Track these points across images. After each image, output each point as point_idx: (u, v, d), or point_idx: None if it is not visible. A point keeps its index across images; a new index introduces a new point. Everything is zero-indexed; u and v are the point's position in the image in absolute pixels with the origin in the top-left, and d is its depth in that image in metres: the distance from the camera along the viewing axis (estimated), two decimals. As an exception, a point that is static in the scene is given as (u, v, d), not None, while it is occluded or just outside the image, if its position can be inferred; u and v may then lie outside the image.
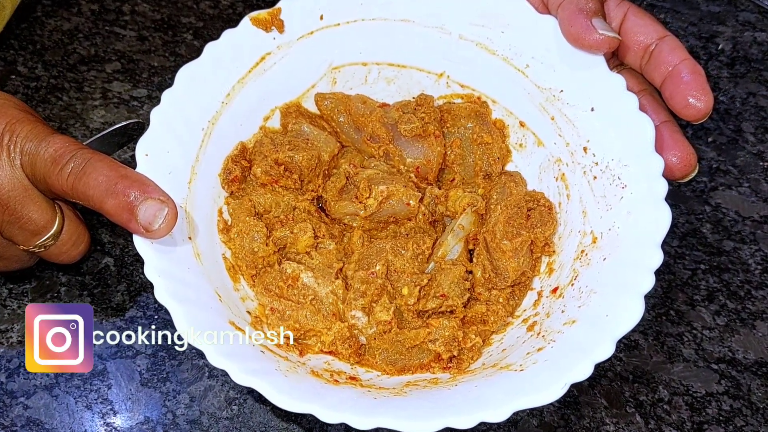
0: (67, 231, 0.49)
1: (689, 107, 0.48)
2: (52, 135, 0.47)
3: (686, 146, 0.50)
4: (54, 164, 0.46)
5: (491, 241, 0.52)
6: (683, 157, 0.49)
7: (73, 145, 0.46)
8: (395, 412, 0.41)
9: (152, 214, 0.44)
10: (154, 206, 0.44)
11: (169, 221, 0.45)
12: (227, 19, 0.72)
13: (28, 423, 0.48)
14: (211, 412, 0.49)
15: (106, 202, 0.45)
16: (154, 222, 0.44)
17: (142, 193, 0.45)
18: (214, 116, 0.53)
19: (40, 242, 0.48)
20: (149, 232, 0.44)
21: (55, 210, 0.49)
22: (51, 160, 0.46)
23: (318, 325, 0.49)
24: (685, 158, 0.49)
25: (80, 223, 0.51)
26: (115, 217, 0.45)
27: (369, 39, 0.57)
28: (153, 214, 0.44)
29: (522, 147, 0.57)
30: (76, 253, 0.51)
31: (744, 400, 0.52)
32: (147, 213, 0.44)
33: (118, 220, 0.45)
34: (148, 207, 0.44)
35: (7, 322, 0.52)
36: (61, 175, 0.45)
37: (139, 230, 0.44)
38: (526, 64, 0.55)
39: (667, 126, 0.51)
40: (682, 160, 0.49)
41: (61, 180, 0.45)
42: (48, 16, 0.70)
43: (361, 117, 0.56)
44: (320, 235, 0.52)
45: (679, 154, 0.49)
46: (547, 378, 0.42)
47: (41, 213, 0.48)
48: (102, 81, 0.66)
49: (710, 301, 0.57)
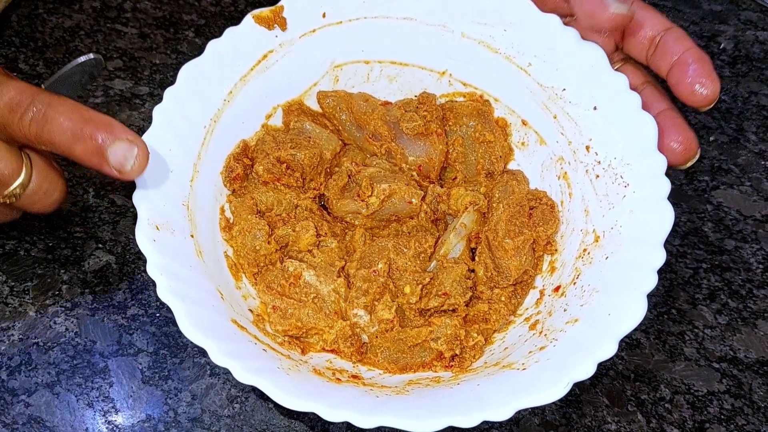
0: (37, 179, 0.47)
1: (695, 94, 0.48)
2: (7, 81, 0.45)
3: (687, 131, 0.50)
4: (12, 112, 0.44)
5: (493, 240, 0.52)
6: (684, 141, 0.49)
7: (29, 90, 0.44)
8: (397, 411, 0.41)
9: (122, 155, 0.44)
10: (124, 146, 0.44)
11: (141, 160, 0.44)
12: (229, 17, 0.72)
13: (29, 421, 0.48)
14: (213, 410, 0.49)
15: (74, 148, 0.44)
16: (126, 163, 0.44)
17: (110, 135, 0.44)
18: (216, 114, 0.53)
19: (8, 192, 0.47)
20: (122, 173, 0.44)
21: (21, 158, 0.47)
22: (8, 108, 0.44)
23: (320, 324, 0.49)
24: (687, 143, 0.49)
25: (51, 170, 0.49)
26: (86, 162, 0.44)
27: (371, 37, 0.57)
28: (123, 155, 0.44)
29: (524, 145, 0.57)
30: (51, 201, 0.49)
31: (745, 399, 0.52)
32: (117, 154, 0.44)
33: (89, 164, 0.44)
34: (117, 148, 0.44)
35: (9, 319, 0.52)
36: (21, 123, 0.44)
37: (112, 173, 0.44)
38: (529, 63, 0.55)
39: (668, 113, 0.50)
40: (684, 144, 0.49)
41: (23, 128, 0.44)
42: (49, 14, 0.70)
43: (363, 115, 0.56)
44: (322, 234, 0.52)
45: (681, 139, 0.49)
46: (550, 377, 0.42)
47: (4, 162, 0.46)
48: (103, 78, 0.66)
49: (712, 300, 0.57)
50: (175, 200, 0.48)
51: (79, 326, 0.52)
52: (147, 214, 0.46)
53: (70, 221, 0.57)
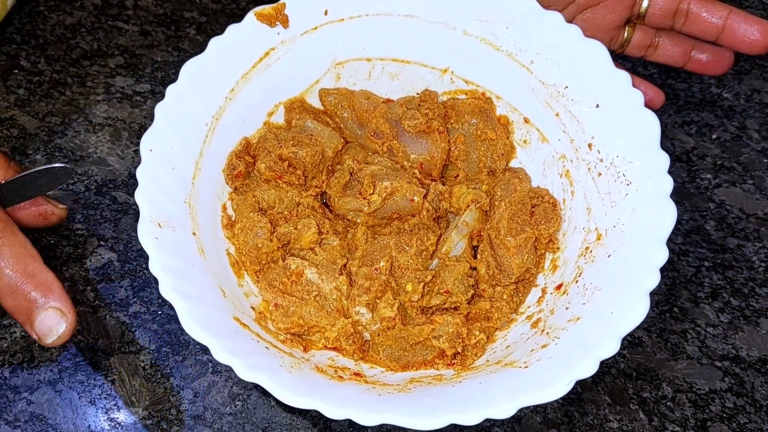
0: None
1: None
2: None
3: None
4: None
5: (495, 238, 0.52)
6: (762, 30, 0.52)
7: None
8: (400, 409, 0.41)
9: (48, 326, 0.43)
10: (52, 318, 0.43)
11: (64, 336, 0.44)
12: (230, 14, 0.72)
13: (31, 418, 0.48)
14: (215, 407, 0.49)
15: (5, 299, 0.44)
16: (49, 335, 0.43)
17: (45, 300, 0.43)
18: (218, 112, 0.53)
19: None
20: (41, 342, 0.44)
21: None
22: None
23: (322, 321, 0.49)
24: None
25: None
26: (14, 316, 0.44)
27: (373, 34, 0.57)
28: (49, 327, 0.43)
29: (526, 143, 0.57)
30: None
31: (747, 397, 0.52)
32: (44, 324, 0.43)
33: (16, 319, 0.44)
34: (46, 317, 0.43)
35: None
36: None
37: (33, 336, 0.44)
38: (531, 60, 0.54)
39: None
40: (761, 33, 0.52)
41: None
42: (51, 11, 0.70)
43: (364, 113, 0.56)
44: (324, 231, 0.52)
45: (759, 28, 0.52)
46: (552, 375, 0.42)
47: None
48: (105, 76, 0.66)
49: (714, 299, 0.57)
50: (177, 198, 0.48)
51: (81, 324, 0.52)
52: (149, 211, 0.46)
53: (72, 218, 0.57)
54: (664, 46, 0.58)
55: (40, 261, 0.45)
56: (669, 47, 0.58)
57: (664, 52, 0.58)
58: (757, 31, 0.53)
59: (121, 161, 0.60)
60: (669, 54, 0.58)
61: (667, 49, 0.58)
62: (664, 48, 0.58)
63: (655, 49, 0.59)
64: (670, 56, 0.58)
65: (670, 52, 0.58)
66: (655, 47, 0.58)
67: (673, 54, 0.58)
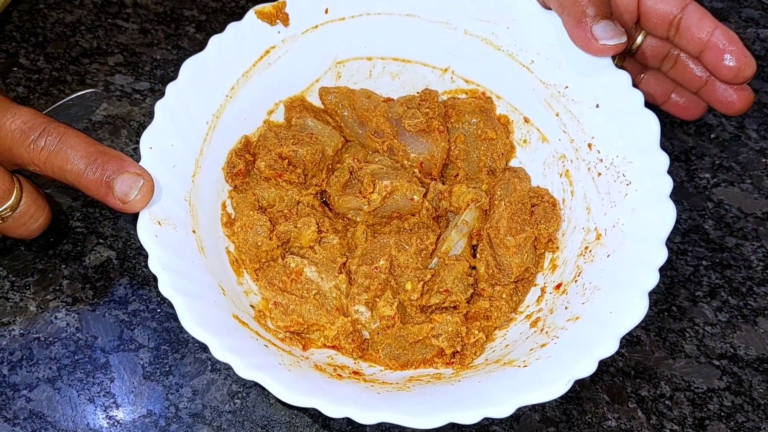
0: (25, 203, 0.49)
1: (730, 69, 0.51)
2: (17, 106, 0.47)
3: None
4: (24, 136, 0.46)
5: (495, 237, 0.52)
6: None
7: (41, 118, 0.46)
8: (398, 407, 0.41)
9: (128, 185, 0.45)
10: (130, 179, 0.45)
11: (145, 193, 0.45)
12: (230, 12, 0.72)
13: (30, 416, 0.48)
14: (214, 405, 0.49)
15: (83, 177, 0.46)
16: (130, 193, 0.45)
17: (119, 167, 0.46)
18: (219, 110, 0.53)
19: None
20: (125, 204, 0.45)
21: (13, 181, 0.48)
22: (20, 132, 0.46)
23: (321, 320, 0.49)
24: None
25: (39, 196, 0.50)
26: (93, 191, 0.46)
27: (374, 33, 0.57)
28: (129, 186, 0.45)
29: (526, 143, 0.57)
30: (36, 227, 0.50)
31: (745, 396, 0.52)
32: (123, 185, 0.45)
33: (96, 194, 0.46)
34: (124, 179, 0.45)
35: (9, 314, 0.52)
36: (32, 148, 0.46)
37: (116, 203, 0.46)
38: (531, 60, 0.54)
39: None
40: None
41: (33, 154, 0.46)
42: (50, 9, 0.70)
43: (365, 111, 0.56)
44: (324, 230, 0.52)
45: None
46: (551, 374, 0.42)
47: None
48: (104, 74, 0.65)
49: (712, 298, 0.57)
50: (177, 196, 0.48)
51: (80, 321, 0.52)
52: (149, 209, 0.46)
53: (71, 216, 0.57)
54: (647, 83, 0.59)
55: (105, 146, 0.47)
56: (652, 85, 0.59)
57: (647, 88, 0.59)
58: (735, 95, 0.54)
59: (121, 159, 0.60)
60: (651, 90, 0.59)
61: (649, 86, 0.59)
62: (647, 84, 0.59)
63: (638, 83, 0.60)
64: (650, 93, 0.59)
65: (652, 89, 0.59)
66: (639, 82, 0.60)
67: (654, 92, 0.59)
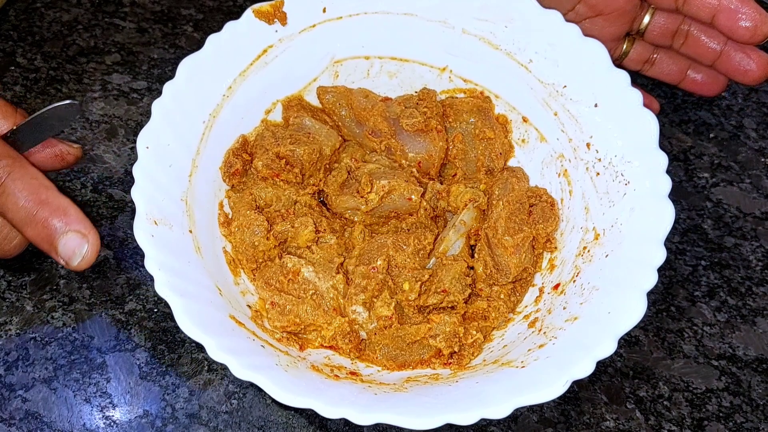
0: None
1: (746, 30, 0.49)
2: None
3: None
4: None
5: (493, 237, 0.52)
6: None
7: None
8: (396, 408, 0.41)
9: (71, 249, 0.44)
10: (74, 241, 0.44)
11: (89, 257, 0.44)
12: (227, 11, 0.71)
13: (26, 416, 0.48)
14: (211, 405, 0.49)
15: (26, 230, 0.44)
16: (74, 257, 0.44)
17: (64, 224, 0.44)
18: (216, 109, 0.53)
19: None
20: (69, 266, 0.45)
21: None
22: None
23: (318, 320, 0.49)
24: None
25: None
26: (37, 245, 0.45)
27: (371, 32, 0.57)
28: (72, 250, 0.44)
29: (524, 142, 0.57)
30: (10, 248, 0.48)
31: (744, 396, 0.52)
32: (66, 248, 0.44)
33: (40, 248, 0.45)
34: (68, 241, 0.44)
35: (6, 314, 0.52)
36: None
37: (59, 261, 0.45)
38: (530, 59, 0.54)
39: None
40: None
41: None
42: (47, 8, 0.70)
43: (363, 111, 0.56)
44: (321, 230, 0.52)
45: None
46: (549, 375, 0.42)
47: None
48: (101, 73, 0.65)
49: (711, 298, 0.57)
50: (173, 195, 0.48)
51: (76, 321, 0.52)
52: (145, 209, 0.46)
53: (68, 216, 0.57)
54: (661, 63, 0.58)
55: (53, 189, 0.45)
56: (666, 64, 0.58)
57: (661, 69, 0.58)
58: (753, 62, 0.53)
59: (118, 158, 0.60)
60: (665, 71, 0.58)
61: (663, 66, 0.58)
62: (661, 64, 0.58)
63: (651, 64, 0.59)
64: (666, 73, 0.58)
65: (667, 69, 0.58)
66: (652, 63, 0.59)
67: (670, 71, 0.58)
